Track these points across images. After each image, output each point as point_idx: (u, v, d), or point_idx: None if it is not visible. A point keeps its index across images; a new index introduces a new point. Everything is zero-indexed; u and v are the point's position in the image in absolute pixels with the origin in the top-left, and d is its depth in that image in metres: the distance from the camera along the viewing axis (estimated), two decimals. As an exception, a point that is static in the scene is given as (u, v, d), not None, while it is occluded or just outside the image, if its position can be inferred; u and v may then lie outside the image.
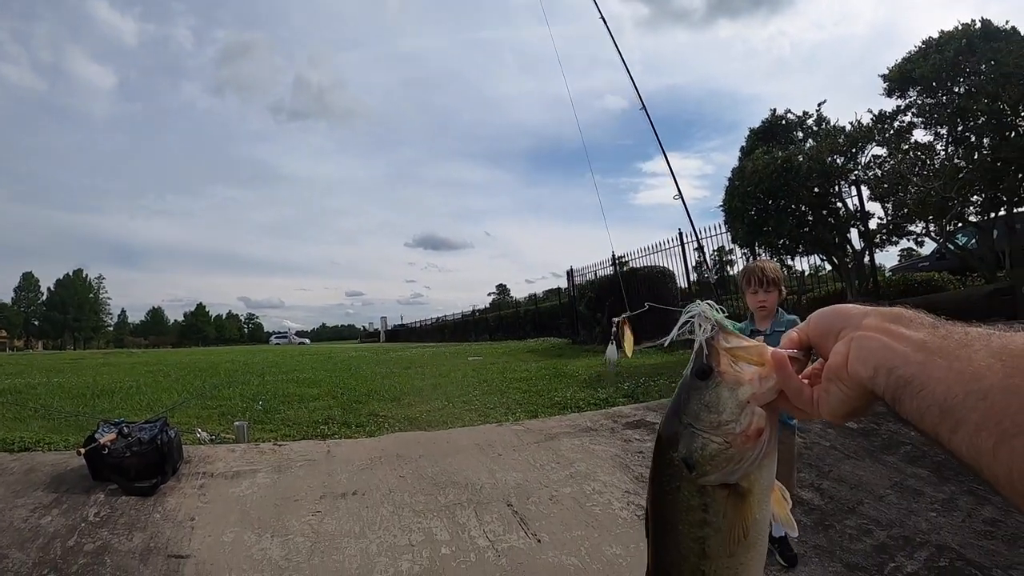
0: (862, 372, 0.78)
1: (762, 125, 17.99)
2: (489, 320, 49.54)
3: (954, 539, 5.04)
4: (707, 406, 0.91)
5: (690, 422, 0.92)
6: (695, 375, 0.93)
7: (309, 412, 10.20)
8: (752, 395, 0.89)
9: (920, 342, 0.73)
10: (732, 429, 0.89)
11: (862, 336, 0.80)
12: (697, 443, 0.91)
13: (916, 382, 0.70)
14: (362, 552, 4.82)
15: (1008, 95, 12.12)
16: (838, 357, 0.82)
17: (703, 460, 0.90)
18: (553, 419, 8.93)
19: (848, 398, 0.82)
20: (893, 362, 0.74)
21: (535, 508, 5.63)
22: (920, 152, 14.34)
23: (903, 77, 14.58)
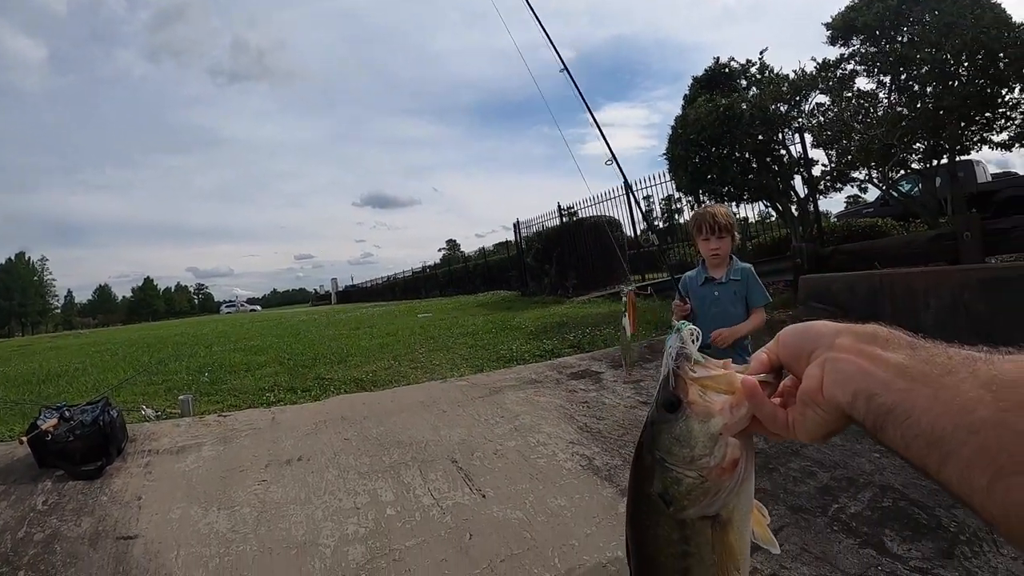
0: (839, 397, 0.76)
1: (705, 73, 18.06)
2: (439, 276, 49.71)
3: (897, 479, 5.18)
4: (678, 440, 0.89)
5: (662, 457, 0.91)
6: (663, 407, 0.92)
7: (255, 380, 10.15)
8: (724, 426, 0.88)
9: (900, 367, 0.72)
10: (707, 463, 0.88)
11: (836, 359, 0.78)
12: (671, 478, 0.90)
13: (899, 411, 0.69)
14: (308, 518, 4.85)
15: (951, 44, 12.26)
16: (812, 381, 0.81)
17: (679, 496, 0.89)
18: (498, 372, 9.04)
19: (825, 422, 0.81)
20: (873, 388, 0.72)
21: (480, 463, 5.69)
22: (863, 100, 14.47)
23: (846, 25, 14.65)
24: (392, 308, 30.08)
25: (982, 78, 12.70)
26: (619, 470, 5.45)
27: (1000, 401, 0.61)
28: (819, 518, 4.71)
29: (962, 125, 13.34)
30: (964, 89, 12.67)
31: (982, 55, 12.45)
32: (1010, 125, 13.43)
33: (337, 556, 4.29)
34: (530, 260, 24.91)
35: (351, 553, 4.32)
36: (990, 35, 12.14)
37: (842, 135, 14.42)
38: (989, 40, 12.12)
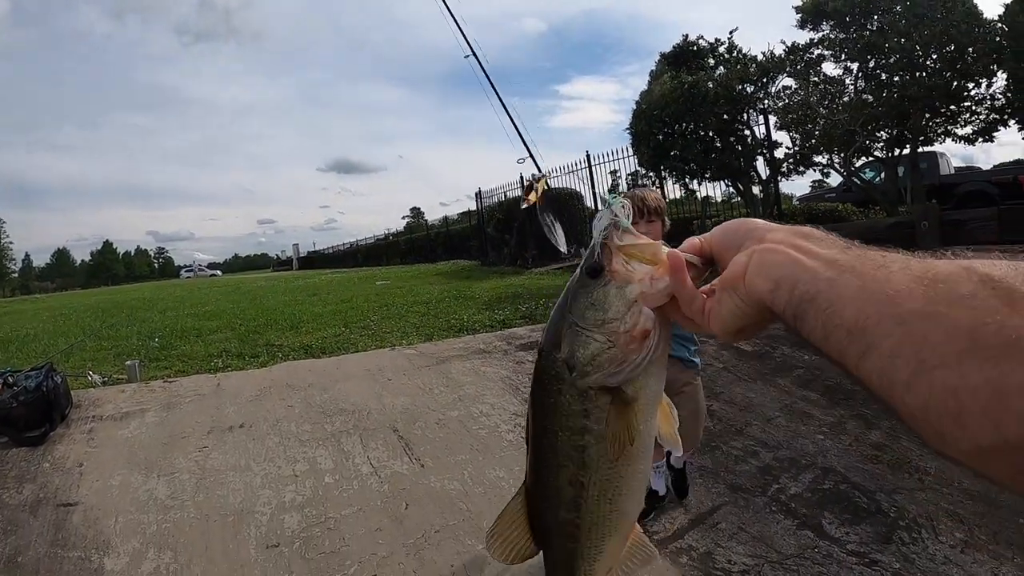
0: (761, 284, 0.73)
1: (673, 50, 17.99)
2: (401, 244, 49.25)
3: (840, 462, 5.25)
4: (593, 304, 0.88)
5: (575, 320, 0.89)
6: (585, 273, 0.90)
7: (205, 346, 10.10)
8: (641, 294, 0.85)
9: (831, 259, 0.69)
10: (616, 327, 0.86)
11: (765, 248, 0.75)
12: (579, 342, 0.88)
13: (822, 298, 0.66)
14: (246, 486, 4.86)
15: (920, 35, 12.41)
16: (736, 267, 0.78)
17: (584, 360, 0.88)
18: (447, 342, 9.03)
19: (742, 312, 0.77)
20: (798, 276, 0.69)
21: (421, 433, 5.71)
22: (829, 85, 14.63)
23: (816, 10, 14.75)
24: (352, 275, 29.92)
25: (949, 71, 12.88)
26: None
27: (931, 293, 0.58)
28: (758, 498, 4.76)
29: (927, 116, 13.53)
30: (931, 80, 12.84)
31: (951, 48, 12.63)
32: (974, 119, 13.63)
33: (273, 524, 4.32)
34: (491, 230, 24.79)
35: (287, 521, 4.35)
36: (960, 29, 12.30)
37: (806, 119, 14.56)
38: (959, 34, 12.28)
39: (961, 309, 0.55)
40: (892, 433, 5.77)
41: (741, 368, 7.48)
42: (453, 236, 37.68)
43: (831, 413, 6.28)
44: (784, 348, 8.04)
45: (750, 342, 8.60)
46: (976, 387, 0.52)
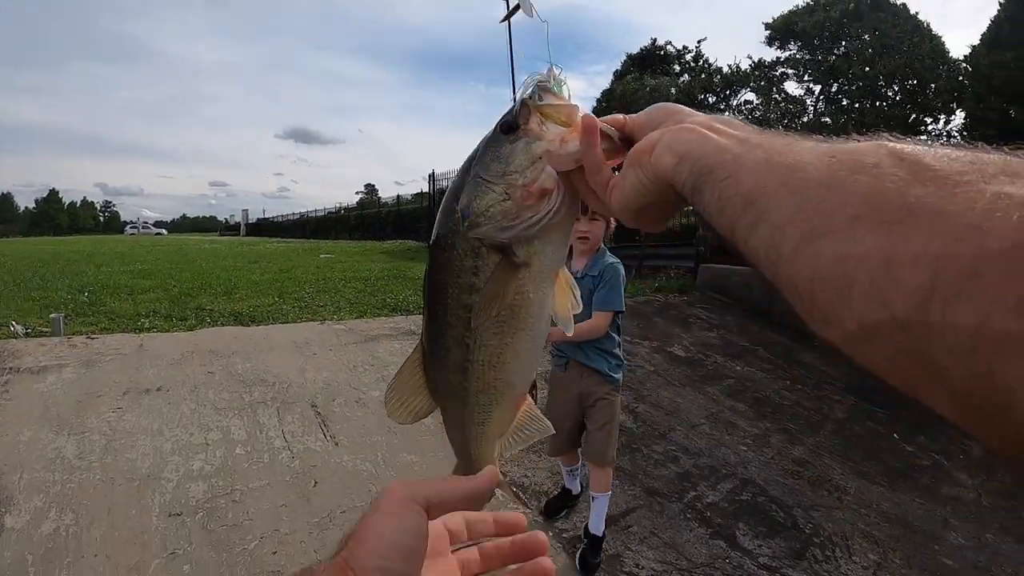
0: (666, 159, 0.71)
1: (640, 52, 18.02)
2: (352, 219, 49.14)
3: (760, 475, 5.31)
4: (498, 157, 0.87)
5: (478, 172, 0.88)
6: (499, 128, 0.89)
7: (135, 304, 9.91)
8: (547, 152, 0.84)
9: (742, 137, 0.66)
10: (514, 180, 0.85)
11: (680, 128, 0.72)
12: (477, 192, 0.87)
13: (722, 170, 0.64)
14: (156, 451, 4.77)
15: (884, 65, 12.61)
16: (646, 142, 0.75)
17: (478, 210, 0.86)
18: (379, 320, 9.01)
19: (643, 187, 0.75)
20: (703, 151, 0.67)
21: (339, 410, 5.67)
22: (790, 104, 14.82)
23: (786, 28, 14.91)
24: (297, 246, 29.97)
25: (910, 103, 13.10)
26: None
27: (834, 163, 0.54)
28: (674, 504, 4.79)
29: None
30: (890, 110, 13.05)
31: (914, 81, 12.88)
32: None
33: (178, 492, 4.25)
34: (439, 212, 24.88)
35: (193, 490, 4.29)
36: (924, 64, 12.56)
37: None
38: (923, 68, 12.53)
39: (862, 176, 0.51)
40: (815, 450, 5.92)
41: (672, 373, 7.54)
42: (404, 216, 37.52)
43: (756, 425, 6.37)
44: (717, 357, 8.13)
45: (683, 347, 8.66)
46: (865, 254, 0.48)
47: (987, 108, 11.79)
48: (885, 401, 7.73)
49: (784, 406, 7.14)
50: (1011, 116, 12.16)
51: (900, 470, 6.07)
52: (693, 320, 10.73)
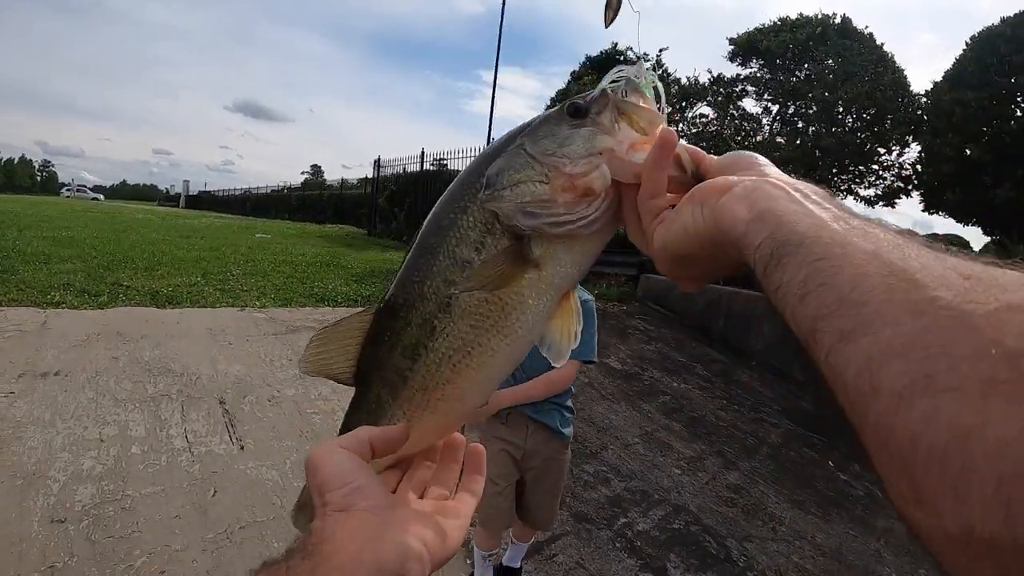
0: (739, 209, 0.62)
1: (600, 55, 17.84)
2: (293, 199, 48.81)
3: (694, 501, 5.14)
4: (553, 135, 0.77)
5: (524, 142, 0.79)
6: (567, 109, 0.79)
7: (48, 275, 9.34)
8: (610, 150, 0.75)
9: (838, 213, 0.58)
10: (561, 164, 0.75)
11: (763, 182, 0.64)
12: (515, 163, 0.78)
13: (817, 248, 0.53)
14: (45, 445, 4.42)
15: (846, 91, 12.65)
16: (720, 182, 0.67)
17: (508, 180, 0.77)
18: (304, 311, 8.79)
19: (696, 232, 0.67)
20: (792, 216, 0.58)
21: (249, 409, 5.38)
22: (746, 121, 14.82)
23: (750, 45, 14.93)
24: (233, 223, 29.38)
25: (866, 131, 13.14)
26: None
27: (973, 290, 0.42)
28: (603, 531, 4.56)
29: (834, 171, 13.73)
30: (846, 136, 13.08)
31: (872, 111, 12.89)
32: (879, 183, 13.92)
33: (64, 495, 3.89)
34: (382, 201, 24.53)
35: (80, 493, 3.93)
36: (885, 95, 12.61)
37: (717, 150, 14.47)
38: (883, 98, 12.58)
39: (1014, 318, 0.39)
40: (750, 476, 5.82)
41: (607, 386, 7.42)
42: (347, 200, 37.49)
43: (691, 447, 6.24)
44: (654, 372, 8.03)
45: (619, 360, 8.49)
46: (1001, 440, 0.34)
47: (944, 143, 12.02)
48: (820, 427, 7.74)
49: (720, 427, 7.07)
50: (967, 154, 12.36)
51: (834, 499, 5.99)
52: (631, 331, 10.60)
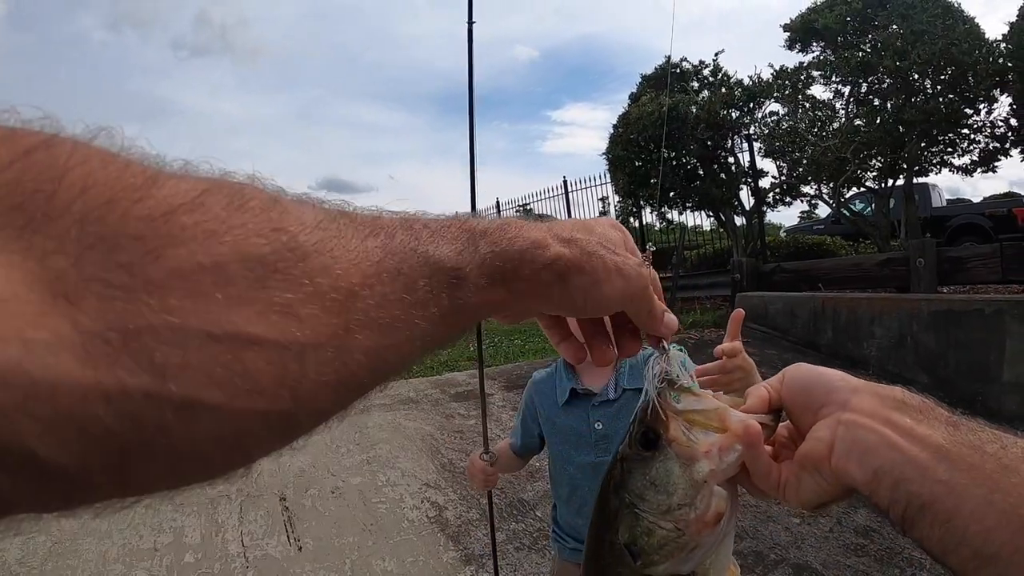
0: (854, 471, 0.65)
1: (655, 72, 17.26)
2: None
3: (817, 556, 4.48)
4: (654, 484, 0.77)
5: (633, 501, 0.79)
6: (638, 443, 0.80)
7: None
8: (711, 472, 0.75)
9: (940, 449, 0.60)
10: (686, 515, 0.75)
11: (854, 423, 0.66)
12: (642, 528, 0.78)
13: (939, 509, 0.58)
14: (100, 557, 4.25)
15: (917, 54, 11.79)
16: (819, 445, 0.69)
17: (650, 549, 0.77)
18: None
19: (827, 493, 0.70)
20: (904, 472, 0.61)
21: (311, 504, 5.08)
22: (819, 110, 14.10)
23: (805, 28, 14.24)
24: None
25: (949, 93, 12.22)
26: (471, 527, 4.76)
27: None
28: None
29: (923, 144, 12.91)
30: (928, 104, 12.28)
31: (951, 69, 11.98)
32: (973, 148, 12.93)
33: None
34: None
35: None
36: (961, 48, 11.69)
37: (794, 146, 14.03)
38: (960, 54, 11.69)
39: None
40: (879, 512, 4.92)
41: None
42: None
43: None
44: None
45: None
46: None
47: None
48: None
49: None
50: (1066, 92, 11.27)
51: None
52: (733, 358, 9.70)
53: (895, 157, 13.15)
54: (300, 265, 0.43)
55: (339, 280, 0.45)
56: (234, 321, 0.39)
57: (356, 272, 0.47)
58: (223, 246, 0.39)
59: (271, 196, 0.46)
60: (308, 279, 0.43)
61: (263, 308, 0.40)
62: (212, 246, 0.39)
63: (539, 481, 5.13)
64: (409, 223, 0.57)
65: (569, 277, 0.67)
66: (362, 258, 0.48)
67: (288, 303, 0.42)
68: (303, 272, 0.43)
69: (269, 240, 0.42)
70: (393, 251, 0.52)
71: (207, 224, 0.39)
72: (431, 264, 0.54)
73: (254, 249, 0.41)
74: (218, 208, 0.41)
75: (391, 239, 0.52)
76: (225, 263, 0.39)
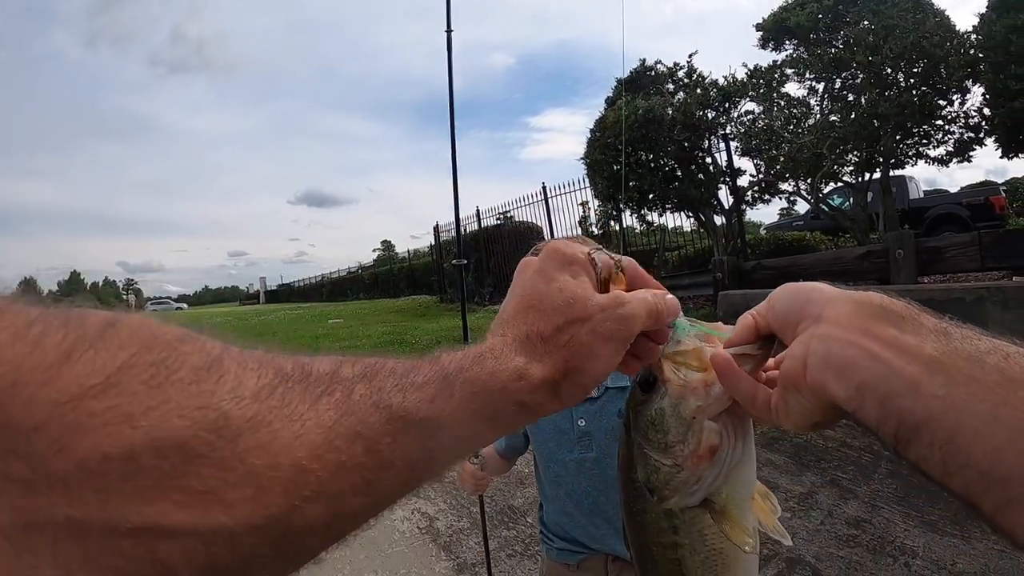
0: (835, 390, 0.61)
1: (630, 75, 17.15)
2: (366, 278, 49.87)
3: (809, 549, 4.49)
4: (652, 423, 0.82)
5: (640, 441, 0.84)
6: (638, 386, 0.85)
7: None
8: (698, 408, 0.78)
9: (932, 360, 0.54)
10: (680, 451, 0.79)
11: (828, 337, 0.63)
12: (650, 466, 0.83)
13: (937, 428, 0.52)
14: None
15: (889, 48, 11.90)
16: (793, 362, 0.67)
17: (660, 485, 0.82)
18: None
19: (814, 411, 0.66)
20: (892, 387, 0.55)
21: None
22: (793, 107, 14.20)
23: (778, 27, 14.33)
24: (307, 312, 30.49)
25: (922, 86, 12.34)
26: (462, 536, 4.76)
27: None
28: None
29: (898, 137, 13.02)
30: (901, 97, 12.37)
31: (923, 62, 12.11)
32: (948, 139, 13.02)
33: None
34: (447, 265, 24.32)
35: None
36: (932, 41, 11.82)
37: (771, 144, 14.08)
38: (931, 46, 11.81)
39: None
40: (871, 502, 5.09)
41: None
42: (416, 271, 38.23)
43: (800, 481, 5.56)
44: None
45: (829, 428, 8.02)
46: None
47: (1008, 77, 11.08)
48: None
49: (829, 449, 6.33)
50: (1037, 82, 11.33)
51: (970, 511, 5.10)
52: (717, 355, 9.69)
53: (871, 151, 13.25)
54: (229, 446, 0.41)
55: (279, 457, 0.43)
56: (145, 513, 0.37)
57: (302, 445, 0.44)
58: (136, 432, 0.37)
59: (208, 360, 0.44)
60: (239, 460, 0.41)
61: (182, 498, 0.38)
62: (123, 434, 0.37)
63: (528, 487, 5.11)
64: (373, 372, 0.53)
65: (562, 386, 0.65)
66: (311, 427, 0.46)
67: (212, 489, 0.39)
68: (233, 454, 0.41)
69: (193, 421, 0.40)
70: (350, 411, 0.49)
71: (121, 407, 0.37)
72: (396, 419, 0.51)
73: (173, 433, 0.39)
74: (136, 385, 0.39)
75: (348, 396, 0.50)
76: (137, 452, 0.37)
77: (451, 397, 0.56)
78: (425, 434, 0.53)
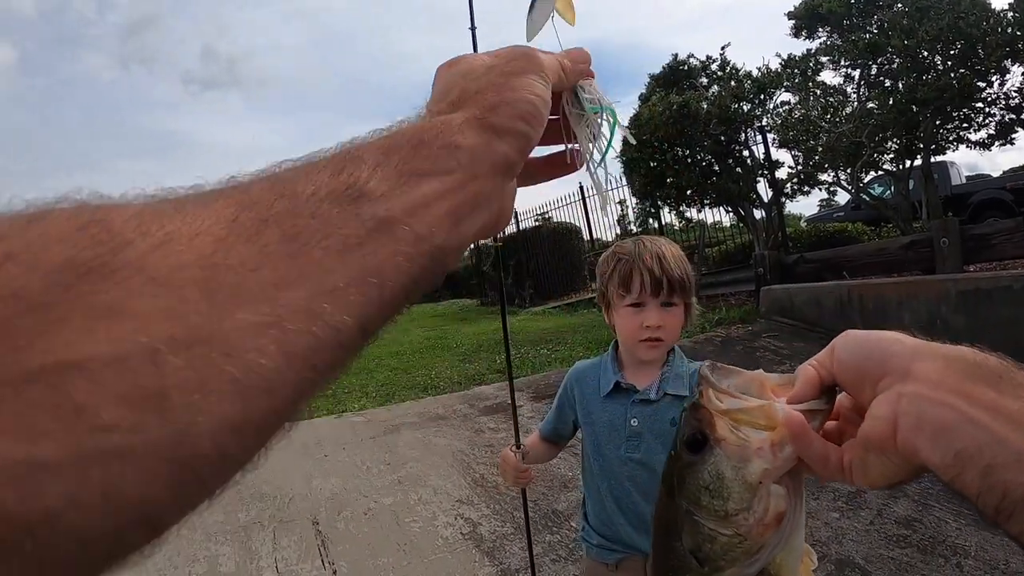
0: (930, 456, 0.56)
1: (663, 71, 17.12)
2: (404, 284, 49.70)
3: (859, 550, 4.37)
4: (707, 489, 0.74)
5: (690, 508, 0.77)
6: (686, 447, 0.77)
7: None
8: (764, 472, 0.71)
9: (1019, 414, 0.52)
10: (745, 520, 0.72)
11: (920, 397, 0.58)
12: (704, 535, 0.75)
13: None
14: None
15: (924, 31, 11.71)
16: (880, 424, 0.62)
17: (715, 556, 0.75)
18: (404, 405, 8.46)
19: (898, 472, 0.64)
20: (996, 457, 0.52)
21: (344, 527, 5.04)
22: (830, 96, 14.02)
23: (810, 14, 14.25)
24: None
25: (960, 68, 12.13)
26: (506, 541, 4.72)
27: None
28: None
29: (937, 122, 12.85)
30: (939, 80, 12.16)
31: (960, 43, 11.87)
32: (989, 122, 12.83)
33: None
34: (487, 268, 24.32)
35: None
36: (968, 21, 11.61)
37: (808, 134, 13.92)
38: (967, 27, 11.60)
39: None
40: (921, 501, 4.95)
41: None
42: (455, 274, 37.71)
43: None
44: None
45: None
46: None
47: None
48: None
49: None
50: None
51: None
52: (761, 353, 9.69)
53: (911, 137, 13.07)
54: (121, 254, 0.35)
55: (183, 255, 0.37)
56: (45, 351, 0.31)
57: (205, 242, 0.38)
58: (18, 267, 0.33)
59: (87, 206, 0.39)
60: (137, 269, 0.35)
61: (83, 322, 0.33)
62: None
63: (572, 491, 5.09)
64: (273, 174, 0.48)
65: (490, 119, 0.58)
66: (209, 224, 0.39)
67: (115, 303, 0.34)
68: (127, 262, 0.35)
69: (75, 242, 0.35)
70: (252, 203, 0.42)
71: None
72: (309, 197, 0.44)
73: (56, 257, 0.34)
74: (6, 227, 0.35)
75: (247, 191, 0.44)
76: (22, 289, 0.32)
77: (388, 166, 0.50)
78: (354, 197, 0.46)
